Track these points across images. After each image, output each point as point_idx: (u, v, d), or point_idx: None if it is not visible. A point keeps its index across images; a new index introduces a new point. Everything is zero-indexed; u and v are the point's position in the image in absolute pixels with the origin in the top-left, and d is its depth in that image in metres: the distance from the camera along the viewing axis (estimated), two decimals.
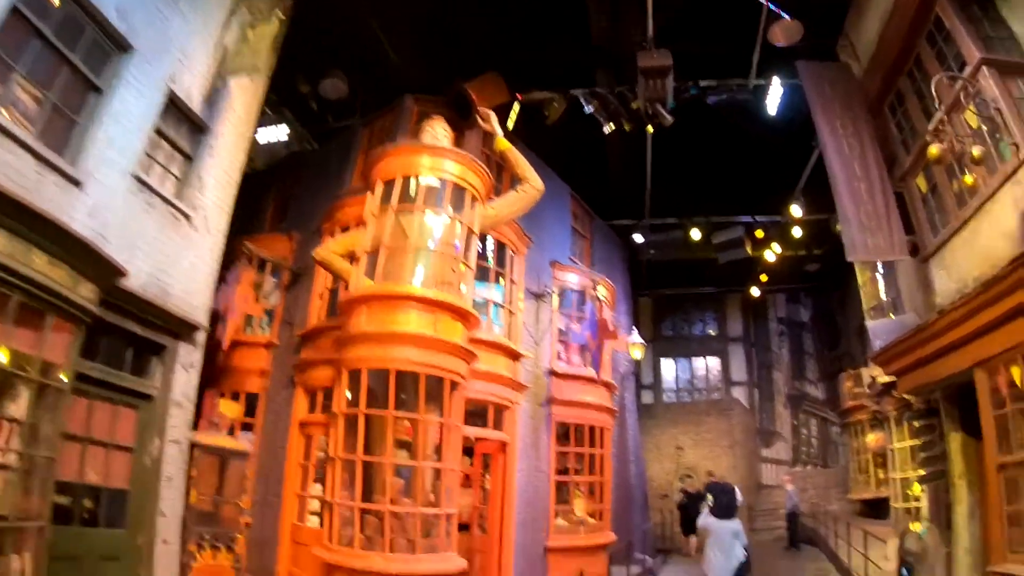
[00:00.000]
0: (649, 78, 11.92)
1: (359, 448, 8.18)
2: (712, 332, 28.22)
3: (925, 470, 10.75)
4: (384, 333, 8.50)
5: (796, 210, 17.77)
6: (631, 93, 13.01)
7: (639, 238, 19.42)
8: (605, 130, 13.50)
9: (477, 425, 11.00)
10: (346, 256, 9.44)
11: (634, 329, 16.96)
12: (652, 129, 13.68)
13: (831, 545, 15.89)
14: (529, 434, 12.21)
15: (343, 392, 8.71)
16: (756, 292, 24.41)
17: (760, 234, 19.80)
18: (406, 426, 9.06)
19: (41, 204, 6.09)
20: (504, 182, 12.01)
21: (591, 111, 13.25)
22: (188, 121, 9.20)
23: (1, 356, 5.96)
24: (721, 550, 9.64)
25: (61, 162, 6.84)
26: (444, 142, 9.86)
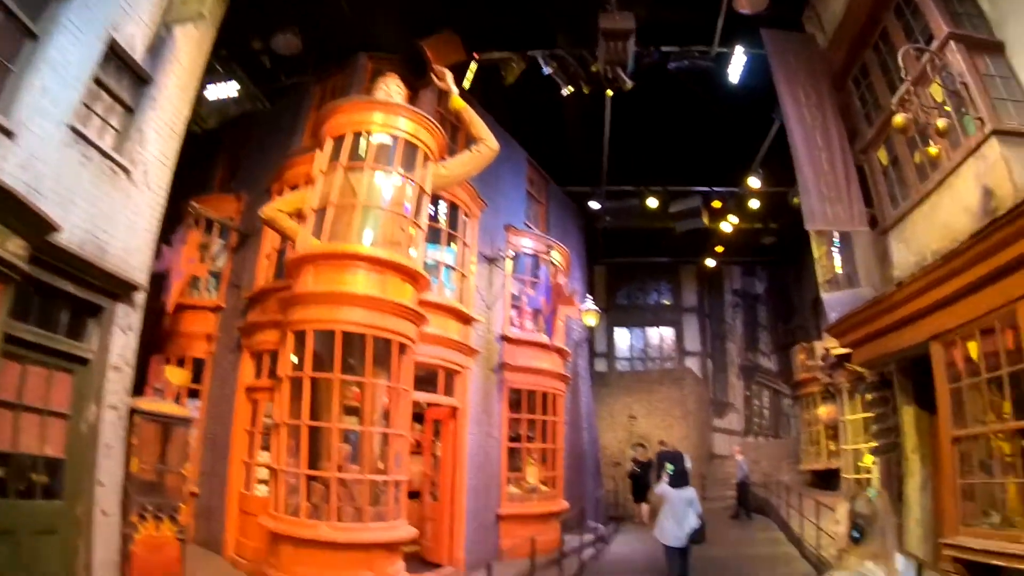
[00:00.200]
0: (610, 40, 11.75)
1: (304, 413, 8.02)
2: (667, 302, 28.36)
3: (877, 442, 10.89)
4: (330, 293, 8.33)
5: (754, 182, 17.86)
6: (591, 56, 12.81)
7: (595, 205, 19.34)
8: (564, 92, 13.31)
9: (427, 390, 10.85)
10: (293, 215, 9.20)
11: (588, 296, 16.92)
12: (611, 93, 13.51)
13: (782, 514, 16.11)
14: (481, 400, 12.12)
15: (288, 355, 8.50)
16: (711, 263, 24.64)
17: (717, 205, 19.87)
18: (355, 392, 8.89)
19: None
20: (459, 143, 11.78)
21: (549, 72, 13.02)
22: (129, 71, 8.76)
23: None
24: (674, 517, 9.74)
25: None
26: (397, 99, 9.63)
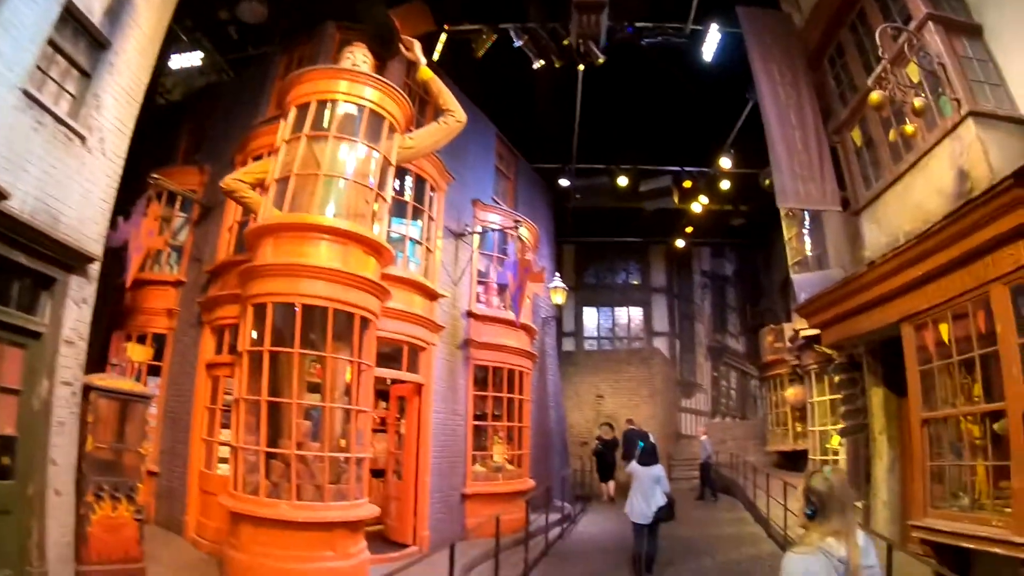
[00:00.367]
0: (583, 13, 11.69)
1: (263, 389, 7.88)
2: (635, 282, 28.35)
3: (845, 423, 10.97)
4: (291, 265, 8.19)
5: (725, 162, 17.85)
6: (563, 29, 12.70)
7: (565, 182, 19.22)
8: (535, 66, 13.17)
9: (392, 367, 10.75)
10: (256, 186, 8.99)
11: (556, 274, 16.86)
12: (583, 68, 13.40)
13: (749, 495, 16.27)
14: (446, 377, 12.04)
15: (248, 329, 8.33)
16: (681, 244, 24.70)
17: (688, 184, 19.88)
18: (317, 368, 8.74)
19: None
20: (427, 117, 11.58)
21: (521, 45, 12.85)
22: (87, 35, 8.45)
23: None
24: (642, 495, 9.85)
25: None
26: (364, 68, 9.43)
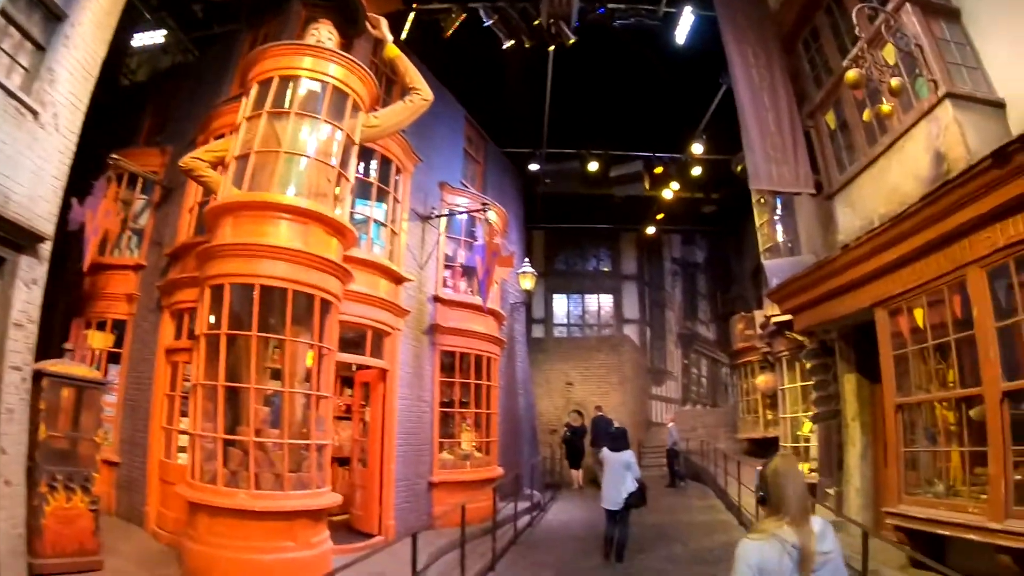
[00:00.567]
0: None
1: (221, 374, 7.71)
2: (606, 269, 28.44)
3: (817, 410, 11.01)
4: (249, 245, 8.01)
5: (697, 148, 17.88)
6: (534, 9, 12.57)
7: (535, 167, 19.14)
8: (504, 46, 13.03)
9: (355, 353, 10.61)
10: (216, 165, 8.80)
11: (526, 259, 16.78)
12: (553, 48, 13.27)
13: (720, 483, 16.34)
14: (411, 362, 11.91)
15: (206, 312, 8.15)
16: (652, 230, 24.80)
17: (659, 170, 19.98)
18: (280, 355, 8.56)
19: None
20: (394, 98, 11.41)
21: (490, 24, 12.70)
22: (41, 6, 8.18)
23: None
24: (612, 480, 9.88)
25: None
26: (329, 45, 9.24)
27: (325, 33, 9.46)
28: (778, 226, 13.91)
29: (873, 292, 8.12)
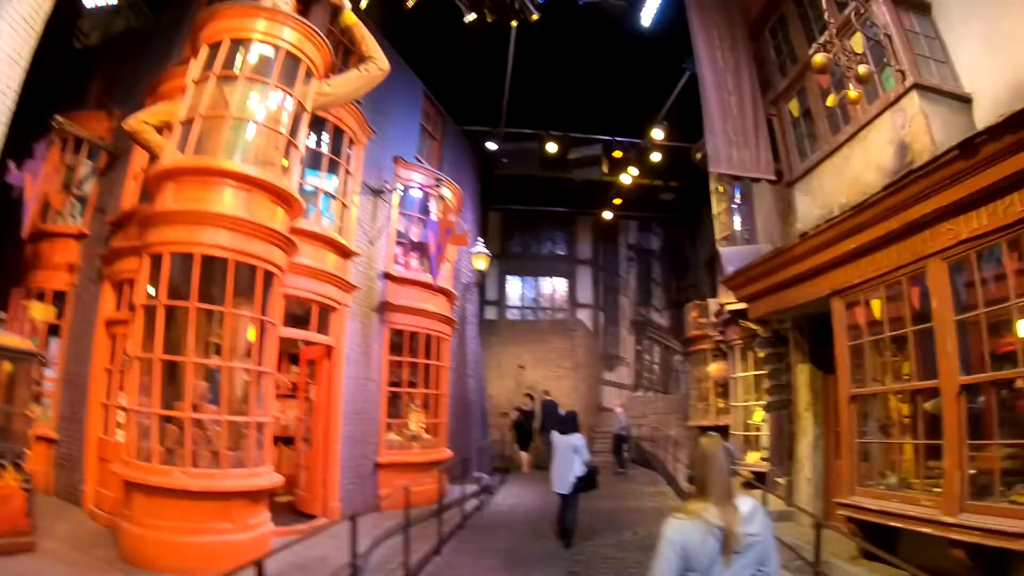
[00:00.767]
0: None
1: (157, 346, 7.44)
2: (561, 252, 28.55)
3: (769, 399, 11.02)
4: (191, 212, 7.76)
5: (658, 134, 17.79)
6: None
7: (493, 146, 18.87)
8: (466, 19, 12.69)
9: (300, 328, 10.35)
10: (161, 128, 8.48)
11: (480, 239, 16.60)
12: (516, 24, 13.01)
13: (669, 469, 16.43)
14: (359, 340, 11.70)
15: (144, 282, 7.85)
16: (608, 215, 24.76)
17: (618, 155, 19.92)
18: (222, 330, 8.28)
19: None
20: (350, 68, 11.06)
21: None
22: None
23: None
24: (561, 464, 9.92)
25: None
26: (284, 8, 8.90)
27: None
28: (735, 216, 13.92)
29: (831, 281, 8.12)
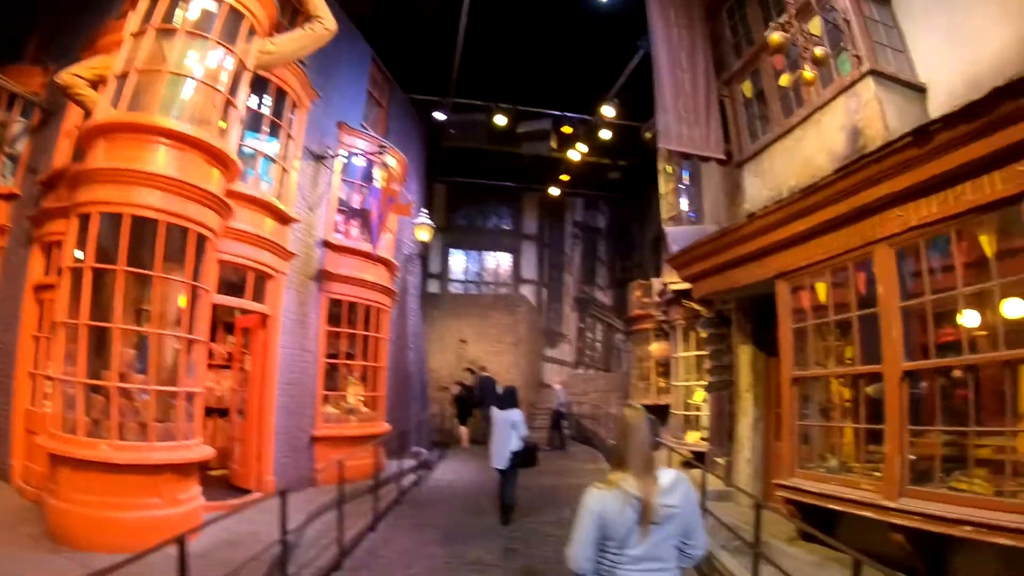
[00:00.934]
0: None
1: (83, 312, 7.16)
2: (506, 227, 28.57)
3: (711, 379, 11.09)
4: (122, 171, 7.44)
5: (608, 111, 17.75)
6: None
7: (440, 116, 18.63)
8: None
9: (235, 296, 10.09)
10: (96, 83, 8.13)
11: (424, 210, 16.40)
12: None
13: (609, 446, 16.48)
14: (296, 309, 11.46)
15: (72, 244, 7.53)
16: (556, 192, 24.76)
17: (568, 130, 19.88)
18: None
19: None
20: (296, 26, 10.74)
21: None
22: None
23: None
24: (499, 439, 10.01)
25: None
26: None
27: None
28: (683, 196, 13.95)
29: (777, 263, 8.13)
